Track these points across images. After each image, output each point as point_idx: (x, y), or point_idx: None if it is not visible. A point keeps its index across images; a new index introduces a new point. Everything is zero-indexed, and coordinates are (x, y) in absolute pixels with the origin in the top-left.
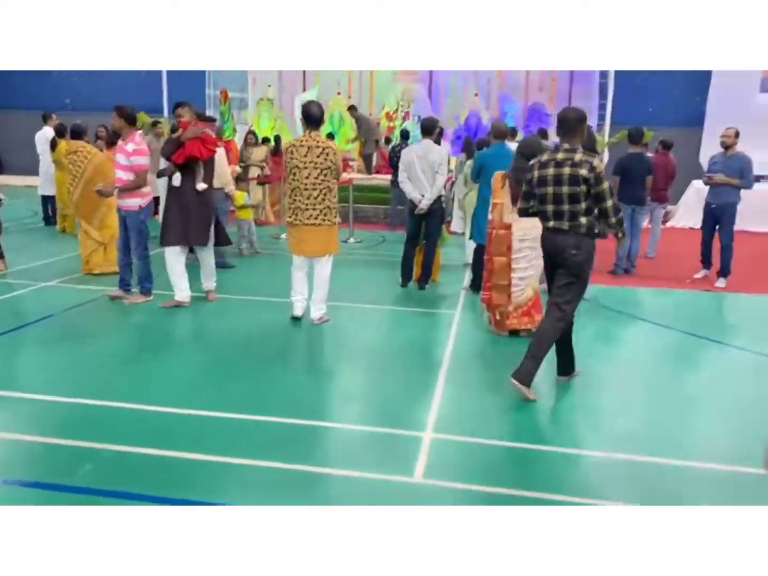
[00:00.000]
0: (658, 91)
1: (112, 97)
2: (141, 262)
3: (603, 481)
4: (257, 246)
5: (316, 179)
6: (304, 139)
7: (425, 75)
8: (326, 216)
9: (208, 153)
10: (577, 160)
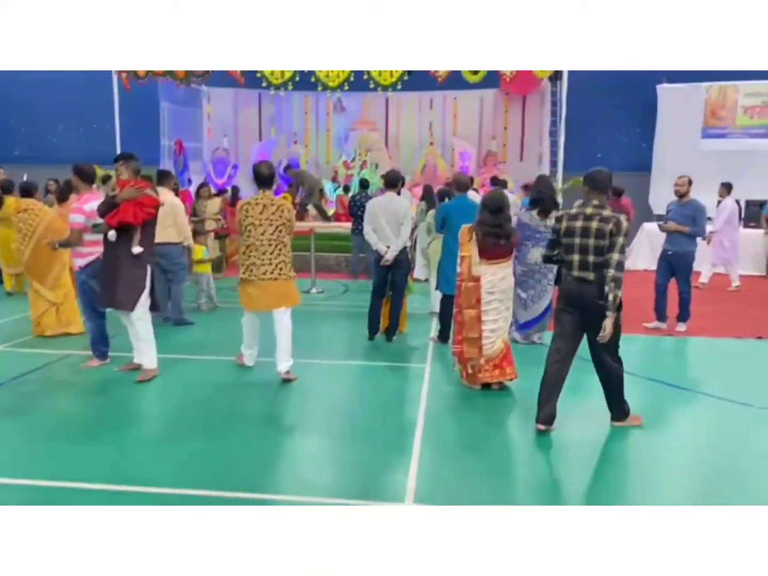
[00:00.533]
0: (607, 137)
1: (64, 148)
2: (88, 325)
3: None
4: (216, 300)
5: (272, 235)
6: (259, 198)
7: (381, 123)
8: (282, 270)
9: (144, 217)
10: (605, 216)
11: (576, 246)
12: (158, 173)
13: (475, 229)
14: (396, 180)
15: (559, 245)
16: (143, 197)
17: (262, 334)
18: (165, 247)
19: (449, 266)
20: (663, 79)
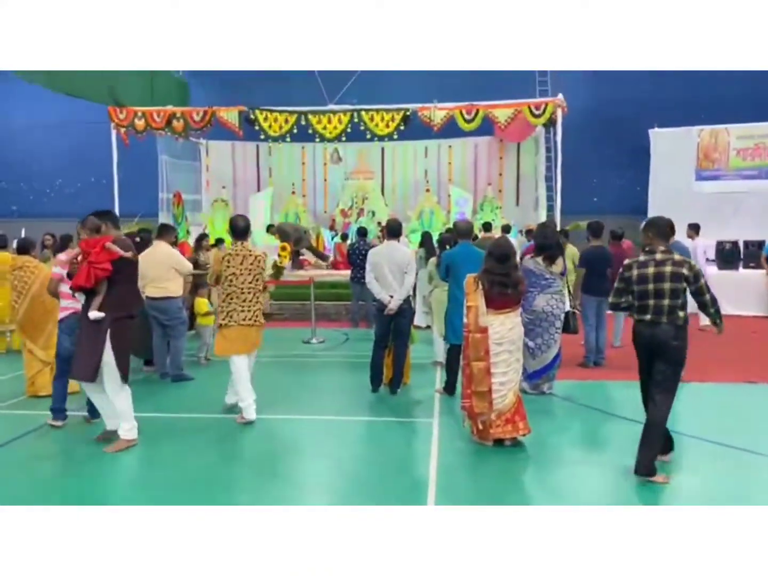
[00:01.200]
0: (602, 181)
1: (61, 203)
2: (54, 381)
3: None
4: (210, 353)
5: (250, 284)
6: (238, 249)
7: (378, 171)
8: (257, 317)
9: (98, 275)
10: (678, 260)
11: (650, 291)
12: (159, 227)
13: (481, 278)
14: (398, 229)
15: (627, 292)
16: (97, 255)
17: (262, 389)
18: (164, 301)
19: (456, 315)
20: (654, 123)
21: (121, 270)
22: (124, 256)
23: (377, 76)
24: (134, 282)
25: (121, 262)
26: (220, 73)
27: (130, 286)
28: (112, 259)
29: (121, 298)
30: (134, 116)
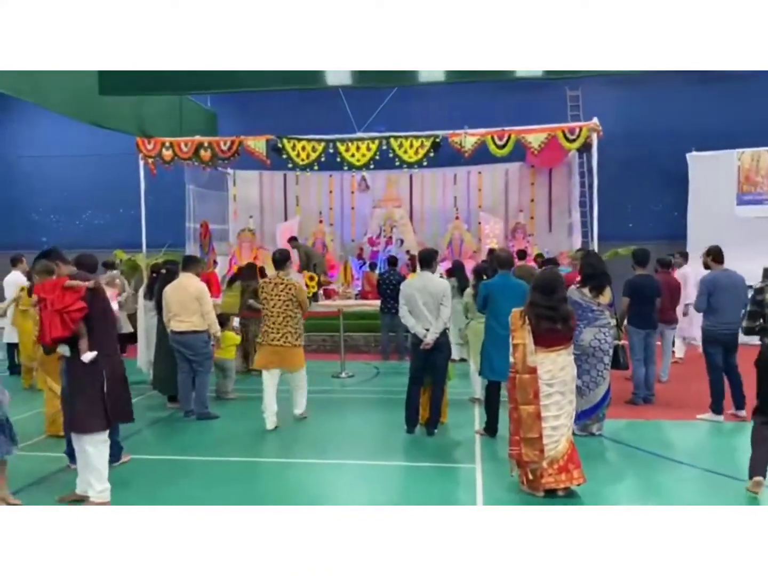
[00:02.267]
0: (637, 207)
1: (90, 235)
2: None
3: None
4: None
5: (280, 309)
6: (274, 277)
7: (406, 199)
8: (287, 339)
9: (74, 318)
10: None
11: None
12: (184, 259)
13: (527, 313)
14: (431, 259)
15: (761, 316)
16: (59, 299)
17: (289, 428)
18: (189, 336)
19: (494, 350)
20: (692, 147)
21: (92, 302)
22: (88, 286)
23: (405, 103)
24: (108, 310)
25: (89, 295)
26: (249, 103)
27: (105, 316)
28: (81, 296)
29: (102, 332)
30: (162, 147)
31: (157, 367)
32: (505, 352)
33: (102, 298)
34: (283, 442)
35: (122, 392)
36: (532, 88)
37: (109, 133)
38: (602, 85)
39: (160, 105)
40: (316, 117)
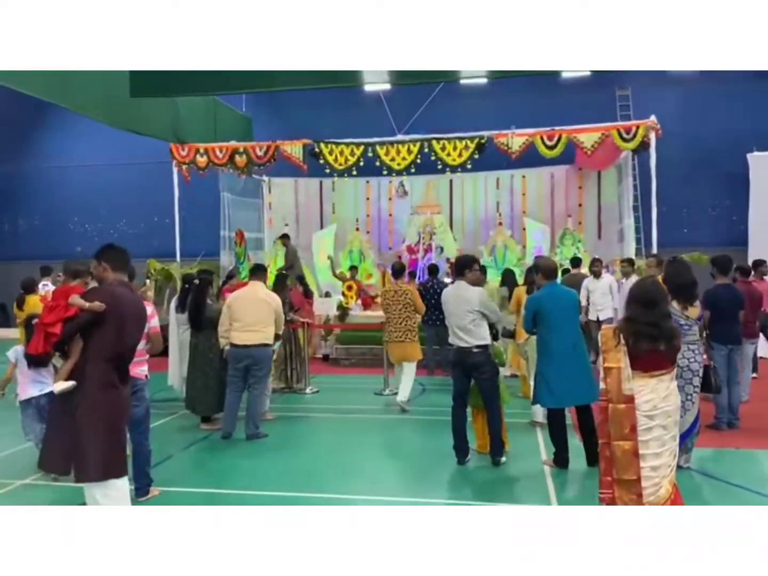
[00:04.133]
0: (693, 212)
1: (125, 244)
2: None
3: None
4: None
5: (400, 312)
6: (393, 286)
7: (446, 205)
8: (406, 335)
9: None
10: None
11: None
12: (254, 267)
13: (623, 331)
14: (465, 265)
15: None
16: (46, 312)
17: (329, 455)
18: (260, 349)
19: (552, 371)
20: (753, 147)
21: (100, 323)
22: (91, 308)
23: (447, 105)
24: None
25: (91, 317)
26: (284, 107)
27: (117, 341)
28: (67, 317)
29: (103, 359)
30: (196, 153)
31: (191, 385)
32: (567, 372)
33: (115, 318)
34: (317, 473)
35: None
36: (579, 86)
37: (143, 140)
38: (653, 83)
39: (194, 110)
40: (355, 121)
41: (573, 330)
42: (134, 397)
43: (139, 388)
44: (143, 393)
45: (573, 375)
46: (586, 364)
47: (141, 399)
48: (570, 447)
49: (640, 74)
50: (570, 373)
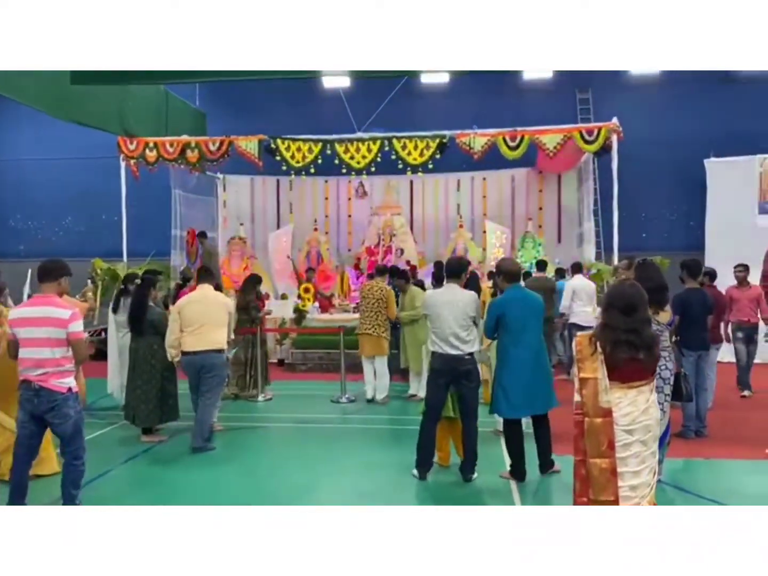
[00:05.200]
0: (651, 216)
1: (71, 243)
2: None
3: None
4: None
5: (373, 305)
6: (371, 282)
7: (406, 206)
8: (375, 329)
9: None
10: None
11: None
12: (201, 270)
13: (599, 338)
14: (460, 269)
15: None
16: None
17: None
18: (213, 355)
19: (512, 379)
20: (711, 153)
21: None
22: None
23: (408, 104)
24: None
25: None
26: (241, 103)
27: None
28: None
29: None
30: (145, 147)
31: (131, 393)
32: (527, 381)
33: None
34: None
35: None
36: (540, 89)
37: (90, 134)
38: (613, 87)
39: (144, 102)
40: (313, 118)
41: (536, 337)
42: (53, 414)
43: (57, 404)
44: (66, 409)
45: (532, 385)
46: (547, 374)
47: (64, 416)
48: (528, 458)
49: (601, 78)
50: (529, 382)
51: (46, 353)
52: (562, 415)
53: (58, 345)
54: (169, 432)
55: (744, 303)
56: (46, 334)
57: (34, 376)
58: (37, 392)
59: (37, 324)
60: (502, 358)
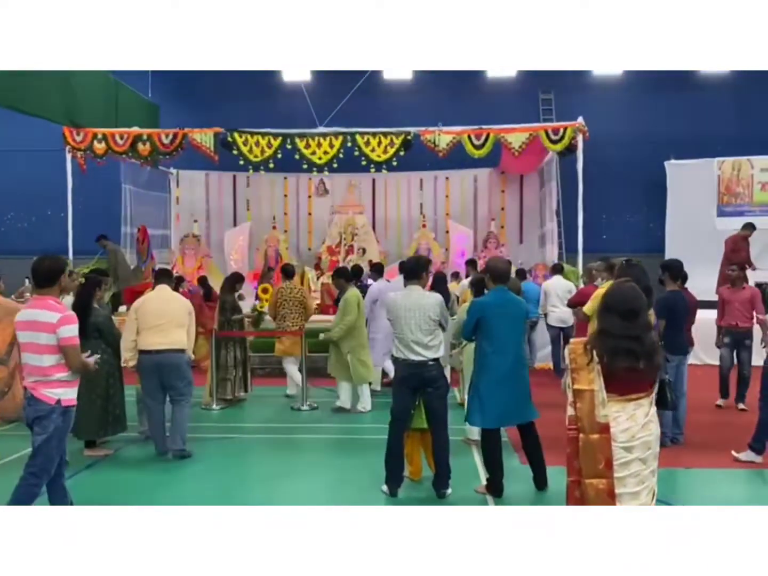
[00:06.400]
0: (611, 218)
1: (14, 240)
2: None
3: None
4: None
5: (293, 306)
6: (287, 285)
7: (368, 205)
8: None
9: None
10: None
11: None
12: (159, 271)
13: (596, 345)
14: (420, 268)
15: None
16: None
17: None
18: (175, 355)
19: (490, 387)
20: (671, 155)
21: None
22: None
23: (371, 100)
24: None
25: None
26: (195, 97)
27: None
28: None
29: None
30: (93, 138)
31: None
32: (506, 389)
33: None
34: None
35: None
36: (502, 89)
37: (35, 125)
38: (576, 88)
39: (91, 91)
40: (273, 113)
41: (516, 343)
42: (36, 424)
43: (43, 415)
44: (48, 421)
45: (511, 394)
46: (526, 383)
47: (44, 428)
48: (506, 470)
49: (563, 79)
50: (508, 392)
51: (34, 360)
52: (548, 422)
53: (48, 352)
54: (116, 445)
55: (735, 306)
56: (34, 339)
57: (28, 383)
58: (29, 400)
59: (30, 328)
60: (480, 363)
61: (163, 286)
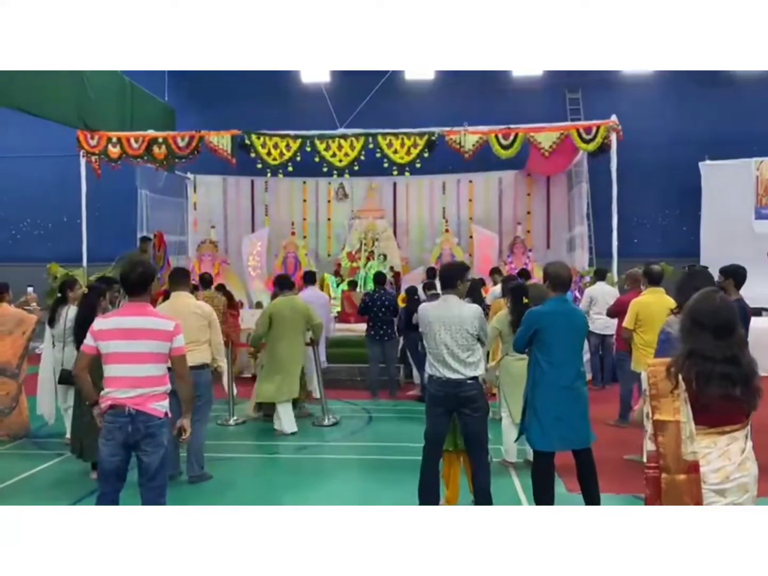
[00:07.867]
0: (643, 222)
1: (30, 247)
2: None
3: None
4: None
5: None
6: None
7: (389, 209)
8: None
9: None
10: None
11: None
12: (174, 272)
13: (681, 369)
14: (456, 276)
15: None
16: None
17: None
18: (197, 372)
19: (545, 407)
20: (705, 156)
21: None
22: None
23: (393, 100)
24: None
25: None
26: (213, 99)
27: None
28: None
29: None
30: (108, 142)
31: (76, 422)
32: (565, 410)
33: None
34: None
35: None
36: (529, 89)
37: (52, 130)
38: (603, 88)
39: (106, 93)
40: (292, 115)
41: (577, 359)
42: (146, 442)
43: (155, 431)
44: (162, 436)
45: (571, 414)
46: (586, 401)
47: (158, 444)
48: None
49: (591, 78)
50: (568, 411)
51: (136, 371)
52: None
53: (156, 361)
54: None
55: None
56: (135, 348)
57: (128, 399)
58: (133, 417)
59: (129, 337)
60: (537, 380)
61: (179, 293)
